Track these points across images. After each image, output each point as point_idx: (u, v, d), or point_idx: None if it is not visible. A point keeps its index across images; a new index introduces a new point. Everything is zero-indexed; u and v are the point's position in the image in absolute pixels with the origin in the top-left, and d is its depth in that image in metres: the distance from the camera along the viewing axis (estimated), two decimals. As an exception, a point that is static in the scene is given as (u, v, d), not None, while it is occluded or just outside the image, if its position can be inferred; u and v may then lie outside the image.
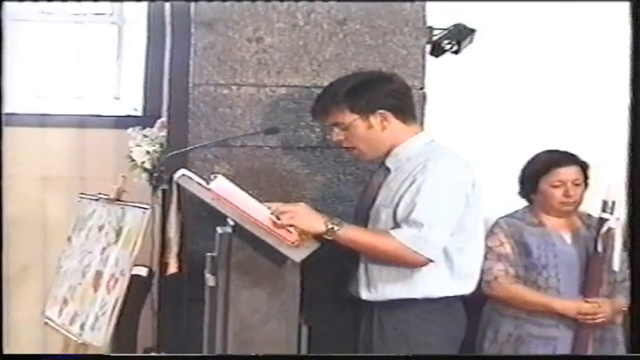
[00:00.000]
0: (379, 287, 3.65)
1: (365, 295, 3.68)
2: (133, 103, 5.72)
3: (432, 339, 3.65)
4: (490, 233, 4.08)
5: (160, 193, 4.07)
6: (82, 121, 5.65)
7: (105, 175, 4.69)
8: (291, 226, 3.46)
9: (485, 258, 3.94)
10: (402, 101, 3.71)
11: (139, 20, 5.69)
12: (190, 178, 3.53)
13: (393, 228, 3.56)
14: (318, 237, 3.51)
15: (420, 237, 3.49)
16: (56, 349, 4.53)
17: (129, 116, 5.49)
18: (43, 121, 5.67)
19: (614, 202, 4.02)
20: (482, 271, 3.90)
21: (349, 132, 3.67)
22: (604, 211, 4.02)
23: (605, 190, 4.12)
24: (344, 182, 4.21)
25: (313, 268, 3.62)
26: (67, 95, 5.85)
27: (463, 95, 4.53)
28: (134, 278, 4.16)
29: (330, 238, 3.50)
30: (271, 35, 4.18)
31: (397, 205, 3.58)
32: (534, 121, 4.53)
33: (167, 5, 4.61)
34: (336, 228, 3.49)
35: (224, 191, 3.48)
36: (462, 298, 3.72)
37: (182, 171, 3.57)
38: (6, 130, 5.63)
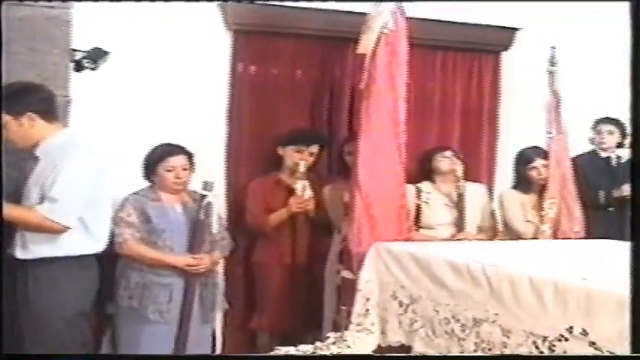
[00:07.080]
0: (31, 248, 3.49)
1: (20, 254, 3.50)
2: None
3: (74, 287, 3.55)
4: (121, 206, 3.99)
5: None
6: None
7: None
8: None
9: (118, 225, 3.91)
10: (47, 106, 3.59)
11: None
12: None
13: (39, 204, 3.43)
14: None
15: (56, 209, 3.41)
16: None
17: None
18: None
19: (212, 182, 4.05)
20: (115, 235, 3.87)
21: (6, 130, 3.47)
22: (204, 189, 4.03)
23: (205, 173, 4.15)
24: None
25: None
26: None
27: (102, 100, 4.38)
28: None
29: None
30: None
31: (43, 185, 3.45)
32: (154, 121, 4.44)
33: None
34: None
35: None
36: (97, 256, 3.63)
37: None
38: None
